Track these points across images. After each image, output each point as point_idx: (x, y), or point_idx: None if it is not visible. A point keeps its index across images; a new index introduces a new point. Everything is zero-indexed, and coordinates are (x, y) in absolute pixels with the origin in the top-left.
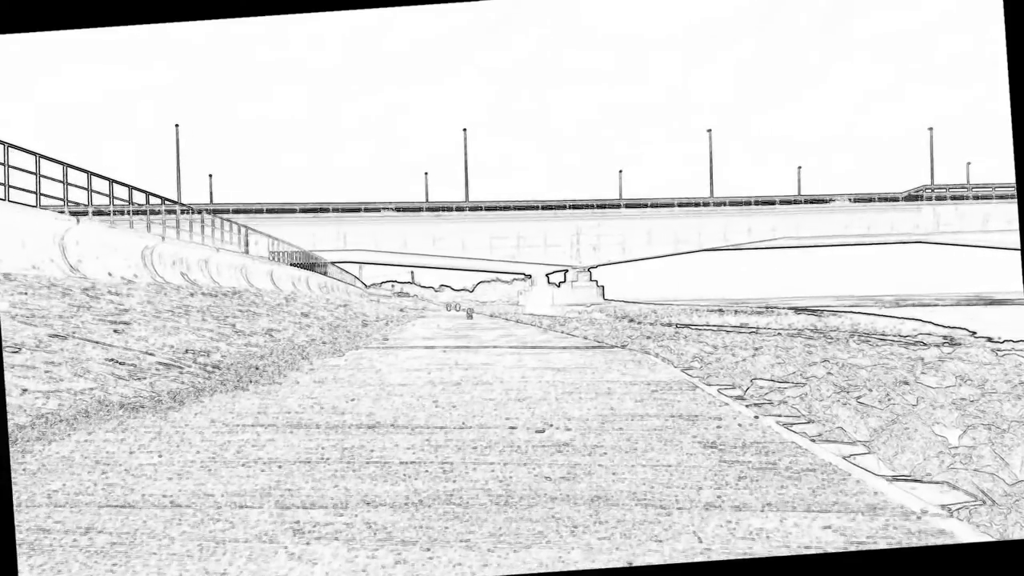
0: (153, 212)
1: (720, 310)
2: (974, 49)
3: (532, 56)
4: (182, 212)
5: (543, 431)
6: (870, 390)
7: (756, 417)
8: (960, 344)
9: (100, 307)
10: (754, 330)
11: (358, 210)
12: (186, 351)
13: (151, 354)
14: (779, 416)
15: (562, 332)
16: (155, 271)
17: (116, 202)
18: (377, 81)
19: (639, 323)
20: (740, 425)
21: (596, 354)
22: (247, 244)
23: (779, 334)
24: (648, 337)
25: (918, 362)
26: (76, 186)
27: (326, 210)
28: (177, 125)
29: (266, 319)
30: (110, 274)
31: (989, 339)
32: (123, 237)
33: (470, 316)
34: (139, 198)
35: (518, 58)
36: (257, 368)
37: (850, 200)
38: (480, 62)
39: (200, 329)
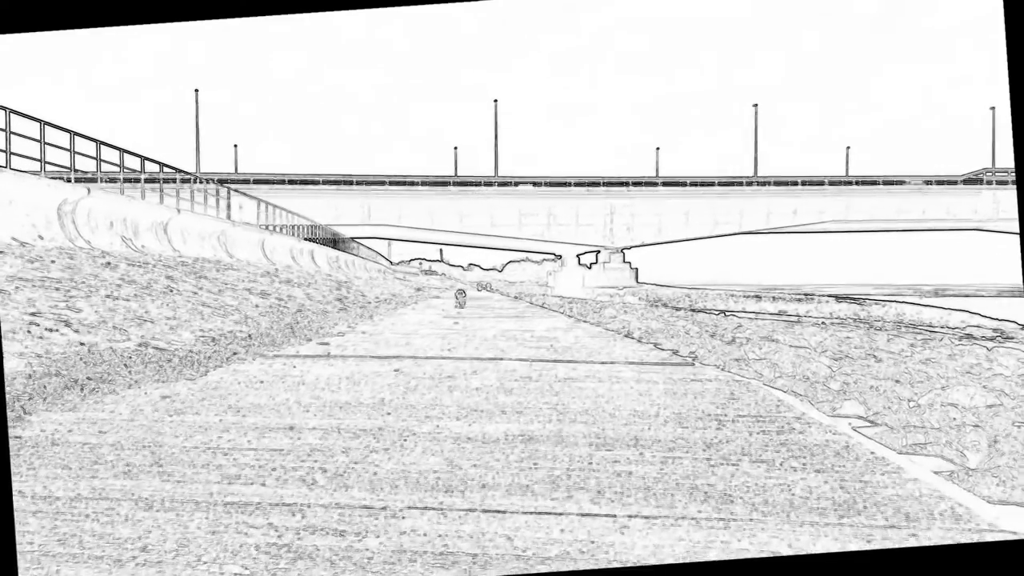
0: (88, 180)
1: (757, 296)
2: None
3: (580, 40)
4: (148, 180)
5: None
6: None
7: None
8: (1012, 338)
9: None
10: (831, 321)
11: (383, 183)
12: None
13: None
14: None
15: (596, 324)
16: (77, 233)
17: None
18: (426, 63)
19: (679, 309)
20: None
21: (670, 385)
22: (228, 209)
23: (884, 329)
24: (712, 334)
25: None
26: None
27: (350, 182)
28: (197, 90)
29: (158, 302)
30: None
31: None
32: (24, 186)
33: (460, 303)
34: (59, 139)
35: (563, 42)
36: None
37: (906, 182)
38: (525, 46)
39: None
